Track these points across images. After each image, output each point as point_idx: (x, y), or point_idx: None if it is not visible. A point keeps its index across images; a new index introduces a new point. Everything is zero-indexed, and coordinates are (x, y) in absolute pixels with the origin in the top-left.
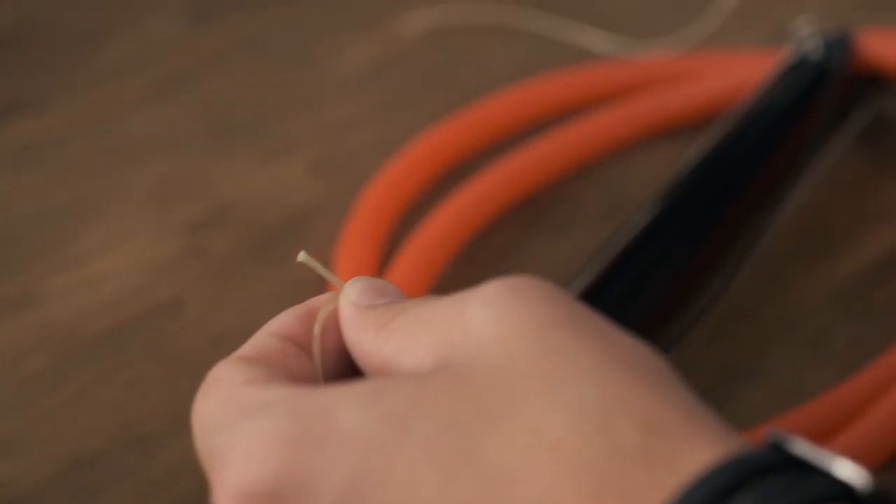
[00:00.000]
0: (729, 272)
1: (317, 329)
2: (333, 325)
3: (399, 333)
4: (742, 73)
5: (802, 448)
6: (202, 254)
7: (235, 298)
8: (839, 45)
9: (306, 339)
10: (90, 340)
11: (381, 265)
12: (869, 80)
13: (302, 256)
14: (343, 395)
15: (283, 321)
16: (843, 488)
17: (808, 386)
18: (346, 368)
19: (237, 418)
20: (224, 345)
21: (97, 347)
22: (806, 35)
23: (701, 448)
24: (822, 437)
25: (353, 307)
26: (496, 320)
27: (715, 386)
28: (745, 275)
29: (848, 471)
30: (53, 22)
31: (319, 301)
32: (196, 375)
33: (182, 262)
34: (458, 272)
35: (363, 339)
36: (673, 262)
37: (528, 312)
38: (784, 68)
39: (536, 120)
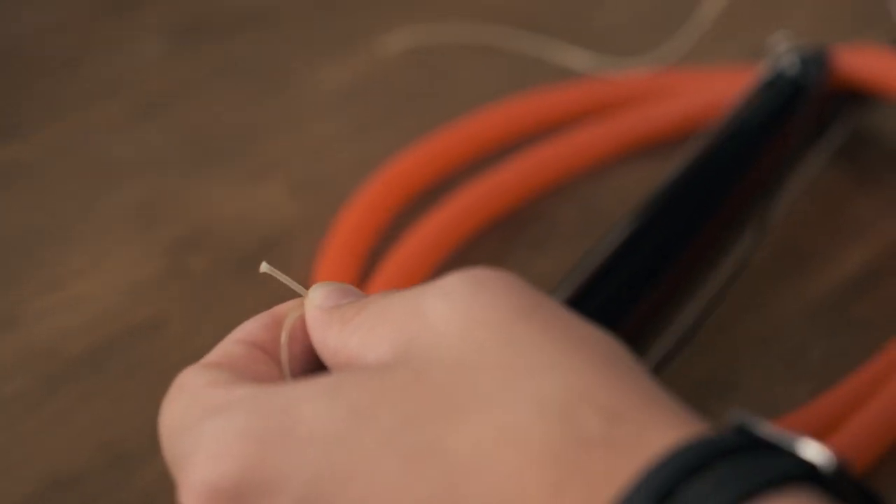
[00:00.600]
0: (709, 290)
1: (284, 336)
2: (300, 332)
3: (363, 328)
4: (719, 89)
5: (766, 429)
6: (182, 274)
7: (216, 317)
8: (815, 62)
9: (273, 345)
10: (71, 361)
11: (360, 283)
12: (847, 97)
13: (264, 267)
14: (305, 390)
15: (250, 328)
16: (807, 468)
17: (783, 401)
18: (313, 374)
19: (201, 418)
20: None
21: (78, 368)
22: (782, 51)
23: (664, 433)
24: None
25: (318, 310)
26: (455, 311)
27: (689, 399)
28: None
29: (812, 451)
30: (33, 47)
31: (285, 308)
32: None
33: (162, 282)
34: None
35: (328, 338)
36: (649, 278)
37: (488, 303)
38: (760, 84)
39: (515, 138)
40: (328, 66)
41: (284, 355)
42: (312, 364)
